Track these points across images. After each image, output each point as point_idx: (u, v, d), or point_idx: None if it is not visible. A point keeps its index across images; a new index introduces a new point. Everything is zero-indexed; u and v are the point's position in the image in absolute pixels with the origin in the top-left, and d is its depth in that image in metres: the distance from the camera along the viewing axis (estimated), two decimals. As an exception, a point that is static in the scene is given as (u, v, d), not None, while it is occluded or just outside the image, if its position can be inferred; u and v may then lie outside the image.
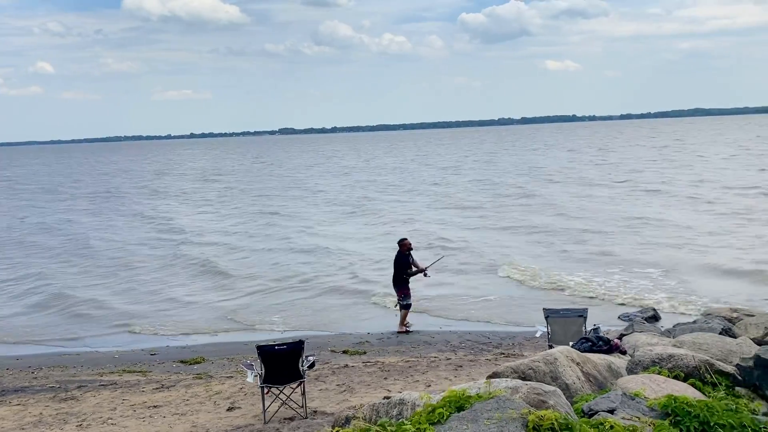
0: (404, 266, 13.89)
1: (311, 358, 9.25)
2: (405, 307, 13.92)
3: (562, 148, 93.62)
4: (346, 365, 11.43)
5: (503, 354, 11.77)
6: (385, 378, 10.45)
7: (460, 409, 4.83)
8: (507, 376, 6.78)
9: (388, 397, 6.08)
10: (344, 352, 12.51)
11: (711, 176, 42.54)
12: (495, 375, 6.96)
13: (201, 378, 11.28)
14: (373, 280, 18.49)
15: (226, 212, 37.55)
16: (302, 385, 8.87)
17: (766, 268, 17.38)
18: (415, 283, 14.28)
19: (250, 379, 8.86)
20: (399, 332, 13.83)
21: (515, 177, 50.52)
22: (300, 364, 8.87)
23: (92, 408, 9.70)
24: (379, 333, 13.95)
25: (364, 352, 12.42)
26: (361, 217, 33.06)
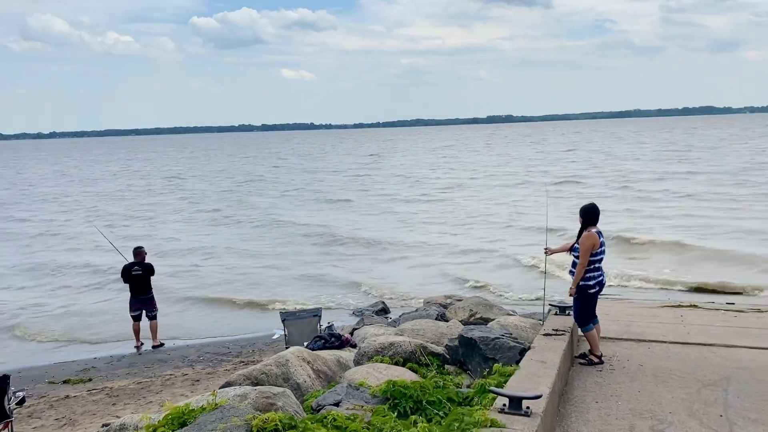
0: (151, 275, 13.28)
1: (20, 394, 8.07)
2: (155, 318, 13.24)
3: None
4: (68, 396, 10.27)
5: (242, 362, 11.62)
6: (114, 404, 9.62)
7: (183, 424, 4.62)
8: (240, 384, 6.71)
9: (107, 425, 5.57)
10: (65, 381, 11.22)
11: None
12: (228, 384, 6.85)
13: None
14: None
15: None
16: (9, 426, 7.71)
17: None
18: None
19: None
20: (155, 346, 13.19)
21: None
22: (5, 402, 7.70)
23: None
24: (108, 356, 12.81)
25: (89, 379, 11.28)
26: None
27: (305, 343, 9.84)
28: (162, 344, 13.27)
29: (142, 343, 13.22)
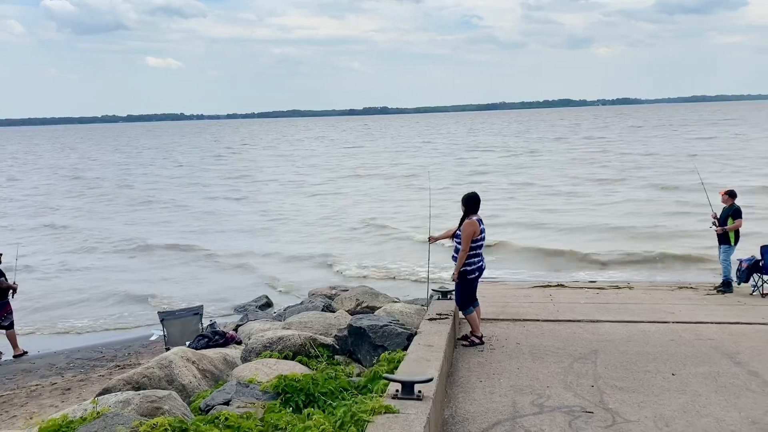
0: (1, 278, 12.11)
1: None
2: (11, 326, 12.11)
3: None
4: None
5: (118, 366, 10.99)
6: (-29, 422, 8.75)
7: (60, 438, 4.30)
8: (120, 390, 6.37)
9: (-32, 446, 5.06)
10: None
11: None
12: (106, 391, 6.47)
13: None
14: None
15: None
16: None
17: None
18: None
19: None
20: (17, 355, 12.13)
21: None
22: None
23: None
24: (-39, 370, 11.61)
25: (-61, 397, 10.17)
26: None
27: (187, 343, 9.49)
28: (25, 352, 12.24)
29: (0, 353, 12.14)
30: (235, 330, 10.50)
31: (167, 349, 9.01)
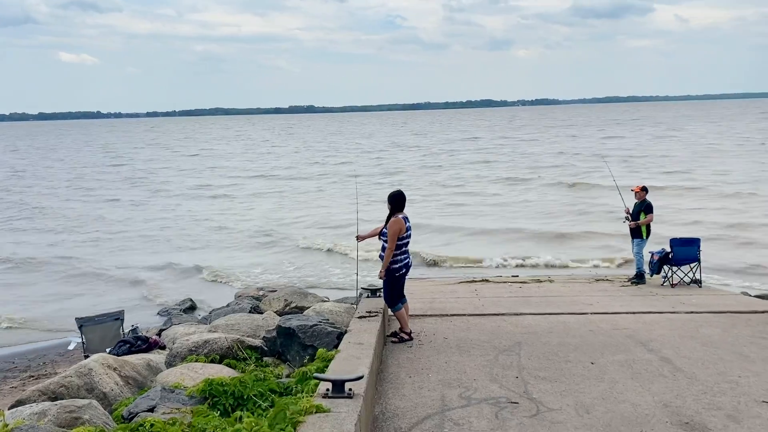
0: None
1: None
2: None
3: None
4: None
5: (33, 377, 10.43)
6: None
7: (-30, 455, 4.05)
8: (35, 401, 6.07)
9: None
10: None
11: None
12: (19, 403, 6.17)
13: None
14: None
15: None
16: None
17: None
18: None
19: None
20: None
21: None
22: None
23: None
24: None
25: None
26: None
27: (108, 350, 9.13)
28: None
29: None
30: (159, 334, 10.20)
31: (86, 357, 8.64)
